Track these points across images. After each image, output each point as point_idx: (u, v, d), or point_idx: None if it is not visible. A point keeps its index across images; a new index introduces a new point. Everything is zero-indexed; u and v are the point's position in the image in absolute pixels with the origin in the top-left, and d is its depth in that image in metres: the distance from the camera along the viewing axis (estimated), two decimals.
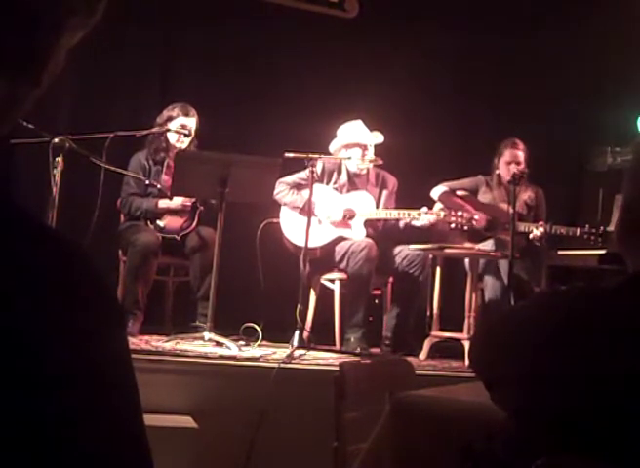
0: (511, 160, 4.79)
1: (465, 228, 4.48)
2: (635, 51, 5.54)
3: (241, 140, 5.05)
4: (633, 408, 1.03)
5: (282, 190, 4.55)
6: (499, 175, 4.85)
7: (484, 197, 4.85)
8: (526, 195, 4.84)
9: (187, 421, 3.23)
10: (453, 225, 4.43)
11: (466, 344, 4.11)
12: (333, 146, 4.65)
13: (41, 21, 0.59)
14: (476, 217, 4.43)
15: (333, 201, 4.62)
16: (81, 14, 0.61)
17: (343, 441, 1.85)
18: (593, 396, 1.06)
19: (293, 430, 3.30)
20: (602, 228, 4.46)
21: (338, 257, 4.45)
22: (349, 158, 4.60)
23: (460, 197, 4.68)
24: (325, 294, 4.61)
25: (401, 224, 4.61)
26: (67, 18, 0.61)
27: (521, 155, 4.78)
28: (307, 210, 4.25)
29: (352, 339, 4.31)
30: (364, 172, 4.68)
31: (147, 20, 5.33)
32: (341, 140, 4.65)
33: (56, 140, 3.74)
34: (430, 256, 4.56)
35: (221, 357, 3.61)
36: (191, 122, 4.54)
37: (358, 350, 4.22)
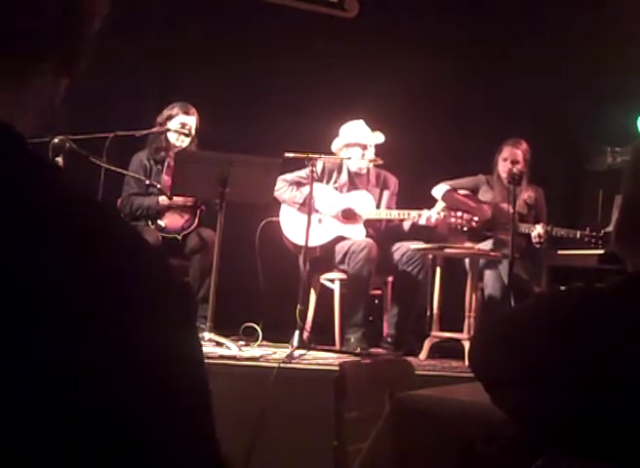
0: (508, 157, 4.78)
1: (465, 229, 4.48)
2: (635, 51, 5.54)
3: (241, 140, 5.05)
4: (633, 407, 1.03)
5: (282, 187, 4.56)
6: (499, 175, 4.85)
7: (484, 196, 4.85)
8: (526, 194, 4.84)
9: None
10: (453, 221, 4.43)
11: (466, 344, 4.11)
12: (335, 145, 4.67)
13: (79, 14, 0.59)
14: (476, 219, 4.43)
15: (333, 200, 4.63)
16: (101, 4, 0.62)
17: (343, 441, 1.84)
18: (593, 396, 1.06)
19: (293, 430, 3.29)
20: (602, 231, 4.46)
21: (338, 257, 4.45)
22: (349, 158, 4.61)
23: (462, 195, 4.69)
24: (325, 294, 4.61)
25: (406, 226, 4.60)
26: (94, 8, 0.61)
27: (519, 154, 4.77)
28: (307, 208, 4.25)
29: (352, 339, 4.31)
30: (364, 171, 4.68)
31: (148, 20, 5.33)
32: (343, 140, 4.66)
33: (56, 140, 3.74)
34: (430, 256, 4.56)
35: (221, 357, 3.61)
36: (191, 121, 4.54)
37: (358, 350, 4.21)
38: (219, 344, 3.85)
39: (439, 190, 4.73)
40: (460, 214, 4.44)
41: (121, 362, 0.53)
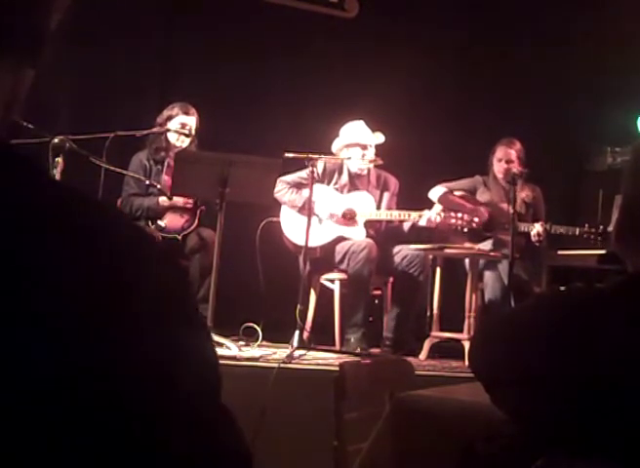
0: (502, 157, 4.78)
1: (465, 230, 4.48)
2: (635, 51, 5.54)
3: (241, 140, 5.05)
4: (633, 407, 1.03)
5: (282, 189, 4.55)
6: (494, 175, 4.85)
7: (482, 197, 4.85)
8: (523, 194, 4.83)
9: None
10: (453, 222, 4.43)
11: (466, 344, 4.11)
12: (335, 146, 4.67)
13: (45, 3, 0.59)
14: (476, 220, 4.43)
15: (333, 201, 4.63)
16: None
17: (343, 441, 1.84)
18: (593, 396, 1.06)
19: (293, 430, 3.29)
20: (601, 227, 4.46)
21: (338, 258, 4.45)
22: (349, 158, 4.60)
23: (459, 197, 4.68)
24: (325, 294, 4.61)
25: (406, 227, 4.60)
26: None
27: (513, 153, 4.76)
28: (307, 209, 4.25)
29: (352, 339, 4.31)
30: (364, 172, 4.68)
31: (147, 20, 5.33)
32: (343, 140, 4.66)
33: (56, 140, 3.73)
34: (430, 257, 4.56)
35: (221, 357, 3.60)
36: (191, 121, 4.55)
37: (358, 350, 4.21)
38: (219, 344, 3.84)
39: (435, 193, 4.73)
40: (460, 214, 4.44)
41: (122, 362, 0.53)
